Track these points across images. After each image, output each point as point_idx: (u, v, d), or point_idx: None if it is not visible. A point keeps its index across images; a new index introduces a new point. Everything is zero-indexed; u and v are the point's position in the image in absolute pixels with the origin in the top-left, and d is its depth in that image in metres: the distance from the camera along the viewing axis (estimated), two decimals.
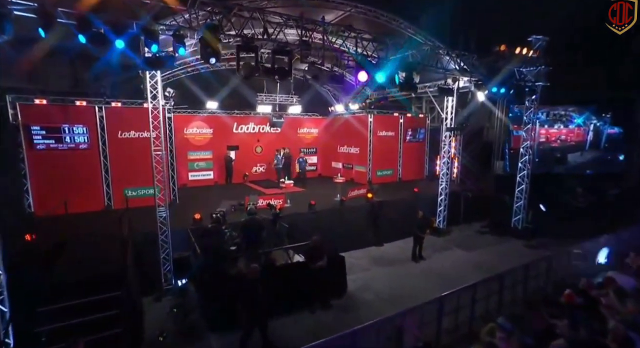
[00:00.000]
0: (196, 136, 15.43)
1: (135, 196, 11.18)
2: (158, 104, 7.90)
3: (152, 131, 7.88)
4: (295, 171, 15.05)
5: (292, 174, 16.12)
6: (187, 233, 8.92)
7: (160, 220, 8.08)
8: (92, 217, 9.77)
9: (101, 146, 10.76)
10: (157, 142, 8.02)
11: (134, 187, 11.12)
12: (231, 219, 9.47)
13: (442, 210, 12.43)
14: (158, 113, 7.91)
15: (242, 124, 16.43)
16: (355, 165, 16.76)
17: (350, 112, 16.69)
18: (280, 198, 11.35)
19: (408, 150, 16.81)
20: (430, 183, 15.44)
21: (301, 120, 18.09)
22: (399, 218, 12.07)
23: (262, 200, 11.10)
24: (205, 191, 14.36)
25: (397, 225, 12.07)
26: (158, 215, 8.01)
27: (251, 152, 16.87)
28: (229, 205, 9.11)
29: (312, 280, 7.46)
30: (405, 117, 16.48)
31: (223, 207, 8.51)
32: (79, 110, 10.38)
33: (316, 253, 7.42)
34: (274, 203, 8.54)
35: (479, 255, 10.48)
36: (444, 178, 12.16)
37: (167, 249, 8.24)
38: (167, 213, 8.14)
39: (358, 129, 16.16)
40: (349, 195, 12.27)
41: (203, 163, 15.61)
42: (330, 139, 18.27)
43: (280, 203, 11.22)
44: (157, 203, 7.99)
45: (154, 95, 7.83)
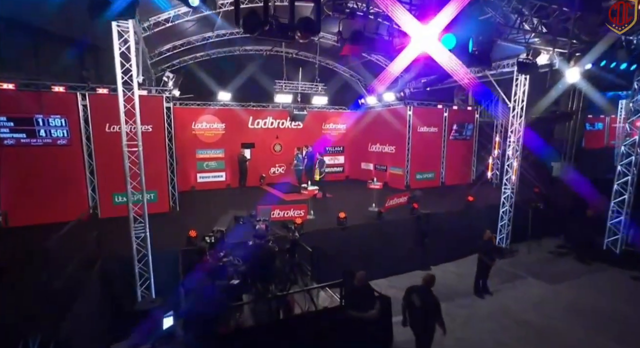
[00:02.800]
0: (206, 132, 13.37)
1: (135, 202, 9.11)
2: (133, 83, 5.65)
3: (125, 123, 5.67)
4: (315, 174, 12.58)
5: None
6: (182, 255, 6.73)
7: (137, 242, 5.86)
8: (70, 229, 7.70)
9: (85, 142, 8.76)
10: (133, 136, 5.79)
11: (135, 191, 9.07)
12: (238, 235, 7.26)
13: (505, 225, 9.69)
14: (133, 96, 5.67)
15: (258, 118, 14.26)
16: (389, 167, 14.25)
17: (385, 105, 14.19)
18: (301, 208, 8.99)
19: (453, 149, 14.11)
20: (481, 190, 12.67)
21: (326, 114, 15.72)
22: (449, 235, 9.53)
23: (279, 210, 8.79)
24: (215, 195, 12.33)
25: (447, 243, 9.52)
26: (133, 235, 5.79)
27: (269, 150, 14.69)
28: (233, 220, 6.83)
29: (350, 333, 5.09)
30: (451, 110, 13.76)
31: (222, 225, 6.24)
32: (56, 97, 8.38)
33: (362, 298, 5.06)
34: (291, 226, 6.15)
35: (568, 290, 7.71)
36: (509, 184, 9.41)
37: (148, 281, 6.03)
38: (147, 232, 5.92)
39: (394, 125, 13.64)
40: (387, 205, 9.78)
41: (214, 163, 13.56)
42: (360, 136, 15.84)
43: (302, 215, 8.87)
44: (131, 217, 5.78)
45: (127, 70, 5.59)
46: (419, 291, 5.08)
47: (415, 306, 4.97)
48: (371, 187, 10.33)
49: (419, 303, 4.96)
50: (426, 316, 4.97)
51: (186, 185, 12.82)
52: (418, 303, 4.96)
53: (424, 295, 5.00)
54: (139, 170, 5.85)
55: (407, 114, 13.08)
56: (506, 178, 9.45)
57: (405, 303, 5.17)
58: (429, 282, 5.08)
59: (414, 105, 13.08)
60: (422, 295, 5.00)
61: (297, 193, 12.12)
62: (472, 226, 9.67)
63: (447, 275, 8.74)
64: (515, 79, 8.97)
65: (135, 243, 5.90)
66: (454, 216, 9.77)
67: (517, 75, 8.88)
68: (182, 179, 12.27)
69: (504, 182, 9.52)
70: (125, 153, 5.67)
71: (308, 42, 6.71)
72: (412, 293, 5.09)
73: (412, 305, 5.02)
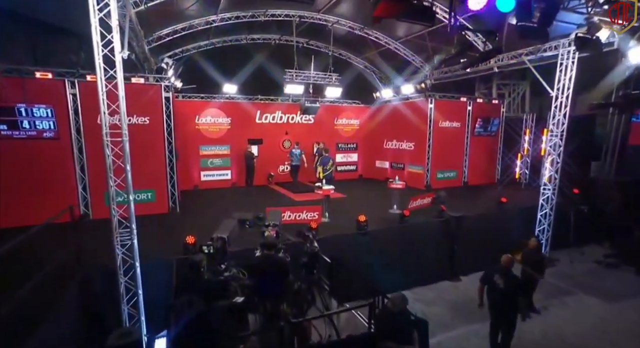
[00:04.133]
0: (210, 127, 12.43)
1: (122, 202, 8.19)
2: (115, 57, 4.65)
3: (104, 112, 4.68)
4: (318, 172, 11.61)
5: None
6: (177, 265, 5.76)
7: (122, 251, 4.87)
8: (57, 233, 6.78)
9: (74, 135, 7.82)
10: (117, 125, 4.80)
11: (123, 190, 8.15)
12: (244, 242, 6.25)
13: (544, 230, 8.52)
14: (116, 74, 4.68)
15: (266, 112, 13.28)
16: (407, 165, 13.16)
17: (403, 98, 13.09)
18: (315, 210, 7.95)
19: (477, 146, 12.95)
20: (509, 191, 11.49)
21: (339, 109, 14.67)
22: (481, 241, 8.40)
23: (290, 212, 7.76)
24: (220, 195, 11.37)
25: (478, 250, 8.37)
26: (117, 243, 4.80)
27: (277, 146, 13.71)
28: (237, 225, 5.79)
29: None
30: (475, 104, 12.59)
31: (224, 231, 5.21)
32: (42, 85, 7.44)
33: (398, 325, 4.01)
34: (308, 233, 5.05)
35: (632, 311, 6.51)
36: (550, 184, 8.25)
37: (136, 297, 5.03)
38: (134, 239, 4.92)
39: (412, 119, 12.62)
40: (409, 206, 8.70)
41: (218, 160, 12.62)
42: (375, 132, 14.77)
43: (316, 218, 7.84)
44: (114, 222, 4.78)
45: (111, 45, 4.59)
46: (501, 272, 5.03)
47: (499, 288, 4.97)
48: (392, 187, 9.24)
49: (503, 285, 4.94)
50: (508, 298, 4.99)
51: (189, 183, 11.96)
52: (501, 285, 4.95)
53: (507, 277, 4.98)
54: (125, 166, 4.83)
55: (427, 107, 11.97)
56: (545, 177, 8.28)
57: (482, 286, 5.34)
58: (509, 263, 5.04)
59: (436, 98, 11.94)
60: (505, 277, 4.98)
61: (306, 192, 11.16)
62: (506, 231, 8.60)
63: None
64: (559, 63, 7.80)
65: (121, 252, 4.89)
66: (485, 220, 8.64)
67: (563, 60, 7.71)
68: (185, 177, 11.45)
69: (543, 182, 8.35)
70: (106, 144, 4.68)
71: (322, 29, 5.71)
72: (494, 275, 5.08)
73: (495, 287, 5.02)
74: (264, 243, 4.64)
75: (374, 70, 14.39)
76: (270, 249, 4.69)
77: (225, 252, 5.07)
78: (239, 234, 5.93)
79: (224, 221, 5.67)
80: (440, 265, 8.15)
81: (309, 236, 4.76)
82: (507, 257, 5.12)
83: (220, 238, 5.04)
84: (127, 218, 4.96)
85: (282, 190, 12.20)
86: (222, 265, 4.98)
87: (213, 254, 4.81)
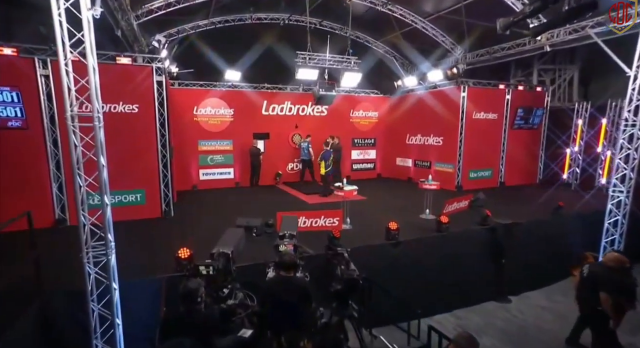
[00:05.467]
0: (210, 119, 11.60)
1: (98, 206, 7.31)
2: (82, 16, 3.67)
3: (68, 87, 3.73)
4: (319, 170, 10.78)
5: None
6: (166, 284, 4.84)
7: (94, 271, 3.91)
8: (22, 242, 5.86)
9: (47, 125, 6.91)
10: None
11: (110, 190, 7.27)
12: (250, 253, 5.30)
13: (613, 241, 7.39)
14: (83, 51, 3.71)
15: (274, 103, 12.42)
16: (434, 163, 12.18)
17: (429, 86, 12.09)
18: (335, 215, 6.99)
19: (516, 140, 11.89)
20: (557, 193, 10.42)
21: (355, 99, 13.78)
22: (534, 253, 7.41)
23: (305, 218, 6.82)
24: (221, 197, 10.56)
25: (531, 265, 7.39)
26: (87, 262, 3.84)
27: (286, 142, 12.88)
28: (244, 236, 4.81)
29: None
30: (514, 92, 11.51)
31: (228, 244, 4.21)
32: (5, 64, 6.49)
33: None
34: (342, 250, 3.92)
35: None
36: (623, 187, 7.12)
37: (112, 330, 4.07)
38: (110, 256, 3.96)
39: (441, 110, 11.64)
40: (444, 211, 7.71)
41: (219, 156, 11.80)
42: (396, 126, 13.86)
43: (336, 225, 6.87)
44: (84, 233, 3.82)
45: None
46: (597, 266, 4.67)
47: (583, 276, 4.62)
48: (425, 187, 8.22)
49: (586, 273, 4.62)
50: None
51: (186, 183, 11.19)
52: (585, 272, 4.64)
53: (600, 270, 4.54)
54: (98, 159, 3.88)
55: (459, 96, 10.93)
56: (616, 177, 7.16)
57: None
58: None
59: (469, 85, 10.89)
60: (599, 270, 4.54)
61: (319, 194, 10.30)
62: (563, 241, 7.54)
63: (535, 313, 6.57)
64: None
65: (93, 272, 3.93)
66: (541, 227, 7.58)
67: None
68: (181, 176, 10.68)
69: (613, 183, 7.23)
70: (72, 130, 3.71)
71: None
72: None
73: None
74: (281, 264, 3.64)
75: (396, 56, 13.36)
76: (288, 270, 3.70)
77: (229, 273, 4.10)
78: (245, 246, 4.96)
79: (227, 231, 4.72)
80: (485, 281, 7.12)
81: (344, 254, 3.72)
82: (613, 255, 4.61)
83: (223, 254, 4.07)
84: (103, 227, 3.99)
85: (293, 191, 11.35)
86: (224, 289, 4.01)
87: (214, 276, 3.83)
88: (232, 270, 4.18)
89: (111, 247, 4.04)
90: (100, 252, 3.98)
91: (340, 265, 3.56)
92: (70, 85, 3.72)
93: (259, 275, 4.72)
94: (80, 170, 3.91)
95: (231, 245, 4.22)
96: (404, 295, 5.66)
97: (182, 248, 5.09)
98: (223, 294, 3.96)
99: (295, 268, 3.86)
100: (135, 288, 4.65)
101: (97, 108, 3.83)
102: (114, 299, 4.06)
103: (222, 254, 4.03)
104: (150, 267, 5.20)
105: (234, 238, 4.47)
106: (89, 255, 3.92)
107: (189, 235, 6.58)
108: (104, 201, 4.00)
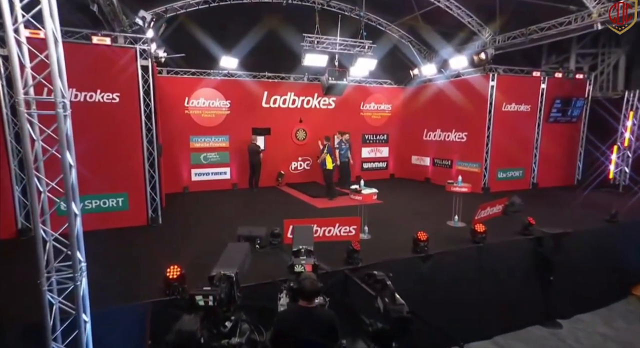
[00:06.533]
0: (204, 111, 11.06)
1: (87, 211, 6.72)
2: None
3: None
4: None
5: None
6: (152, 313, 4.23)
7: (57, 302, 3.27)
8: None
9: (8, 116, 6.28)
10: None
11: (85, 194, 6.67)
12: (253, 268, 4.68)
13: None
14: None
15: (275, 94, 11.90)
16: (457, 162, 11.64)
17: (451, 74, 11.57)
18: (352, 223, 6.39)
19: (551, 135, 11.31)
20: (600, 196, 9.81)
21: (366, 90, 13.25)
22: (587, 269, 6.80)
23: (317, 226, 6.22)
24: (217, 200, 10.04)
25: (584, 282, 6.76)
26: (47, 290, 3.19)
27: (289, 138, 12.34)
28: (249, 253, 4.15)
29: None
30: (551, 80, 10.90)
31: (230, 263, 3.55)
32: None
33: None
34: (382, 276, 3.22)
35: None
36: None
37: None
38: (79, 281, 3.31)
39: (465, 102, 11.09)
40: (477, 217, 7.10)
41: (214, 154, 11.28)
42: (412, 120, 13.38)
43: (353, 234, 6.26)
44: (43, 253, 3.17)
45: None
46: None
47: None
48: (454, 190, 7.58)
49: None
50: None
51: (176, 185, 10.71)
52: None
53: None
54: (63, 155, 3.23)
55: (487, 85, 10.34)
56: None
57: None
58: None
59: (499, 73, 10.27)
60: None
61: (327, 197, 9.80)
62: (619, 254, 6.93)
63: (596, 342, 5.92)
64: None
65: (57, 302, 3.28)
66: (591, 238, 6.95)
67: None
68: (171, 177, 10.22)
69: None
70: (25, 118, 3.04)
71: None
72: None
73: None
74: (300, 291, 2.99)
75: (412, 41, 12.70)
76: (310, 299, 3.06)
77: (234, 301, 3.45)
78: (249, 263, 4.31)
79: (228, 246, 4.05)
80: (530, 302, 6.52)
81: (386, 280, 3.05)
82: None
83: (226, 278, 3.41)
84: (70, 244, 3.34)
85: (297, 193, 10.83)
86: (227, 322, 3.36)
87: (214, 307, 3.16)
88: (237, 297, 3.51)
89: (81, 269, 3.39)
90: (67, 275, 3.33)
91: (383, 297, 2.91)
92: (24, 61, 3.06)
93: (266, 298, 4.18)
94: (40, 171, 3.25)
95: (235, 266, 3.55)
96: (435, 318, 5.07)
97: (172, 265, 4.48)
98: (225, 329, 3.29)
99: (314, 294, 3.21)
100: (113, 317, 4.05)
101: (60, 90, 3.14)
102: (83, 336, 3.41)
103: (224, 278, 3.36)
104: (132, 289, 4.58)
105: (237, 256, 3.80)
106: (51, 281, 3.27)
107: (179, 248, 5.99)
108: (72, 210, 3.33)
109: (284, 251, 5.76)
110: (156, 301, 4.31)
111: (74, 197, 3.37)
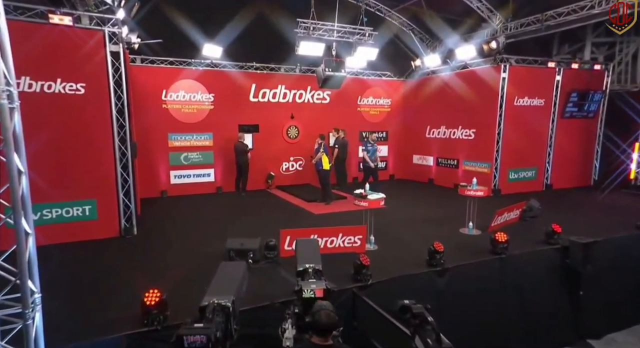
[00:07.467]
0: (184, 106, 10.71)
1: (46, 222, 6.22)
2: None
3: None
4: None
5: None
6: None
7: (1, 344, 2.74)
8: None
9: None
10: None
11: (44, 202, 6.20)
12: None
13: None
14: None
15: (265, 87, 11.61)
16: (463, 161, 11.50)
17: (458, 66, 11.36)
18: (358, 232, 6.01)
19: (566, 132, 11.19)
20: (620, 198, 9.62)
21: (364, 83, 13.03)
22: (616, 283, 6.58)
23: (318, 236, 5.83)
24: (199, 206, 9.67)
25: (617, 298, 6.57)
26: None
27: (280, 136, 12.09)
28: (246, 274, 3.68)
29: None
30: (566, 72, 10.76)
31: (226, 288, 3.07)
32: None
33: None
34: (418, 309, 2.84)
35: None
36: None
37: None
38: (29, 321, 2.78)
39: (472, 96, 10.91)
40: (494, 223, 6.84)
41: (196, 154, 10.96)
42: (413, 116, 13.28)
43: (359, 245, 5.88)
44: None
45: None
46: None
47: None
48: (468, 194, 7.21)
49: None
50: None
51: (153, 189, 10.40)
52: None
53: None
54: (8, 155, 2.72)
55: (498, 77, 10.12)
56: None
57: None
58: None
59: (511, 64, 10.02)
60: None
61: (324, 202, 9.55)
62: None
63: None
64: None
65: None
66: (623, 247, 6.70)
67: None
68: (147, 180, 9.95)
69: None
70: None
71: None
72: None
73: None
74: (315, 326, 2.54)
75: (414, 29, 12.40)
76: (326, 336, 2.60)
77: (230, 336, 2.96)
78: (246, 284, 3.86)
79: (221, 266, 3.55)
80: (556, 320, 6.22)
81: (426, 316, 2.59)
82: None
83: (221, 308, 2.91)
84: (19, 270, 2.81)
85: (289, 197, 10.56)
86: None
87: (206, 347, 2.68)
88: (234, 331, 3.02)
89: (34, 302, 2.86)
90: (14, 311, 2.80)
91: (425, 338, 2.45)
92: None
93: (264, 324, 3.85)
94: None
95: (231, 292, 3.05)
96: (452, 339, 4.71)
97: (150, 289, 3.95)
98: None
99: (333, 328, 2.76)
100: None
101: (4, 76, 2.60)
102: None
103: (218, 309, 2.86)
104: (101, 319, 4.04)
105: (233, 280, 3.31)
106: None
107: (158, 265, 5.51)
108: (21, 228, 2.80)
109: (282, 266, 5.37)
110: (131, 333, 3.80)
111: (24, 211, 2.84)
